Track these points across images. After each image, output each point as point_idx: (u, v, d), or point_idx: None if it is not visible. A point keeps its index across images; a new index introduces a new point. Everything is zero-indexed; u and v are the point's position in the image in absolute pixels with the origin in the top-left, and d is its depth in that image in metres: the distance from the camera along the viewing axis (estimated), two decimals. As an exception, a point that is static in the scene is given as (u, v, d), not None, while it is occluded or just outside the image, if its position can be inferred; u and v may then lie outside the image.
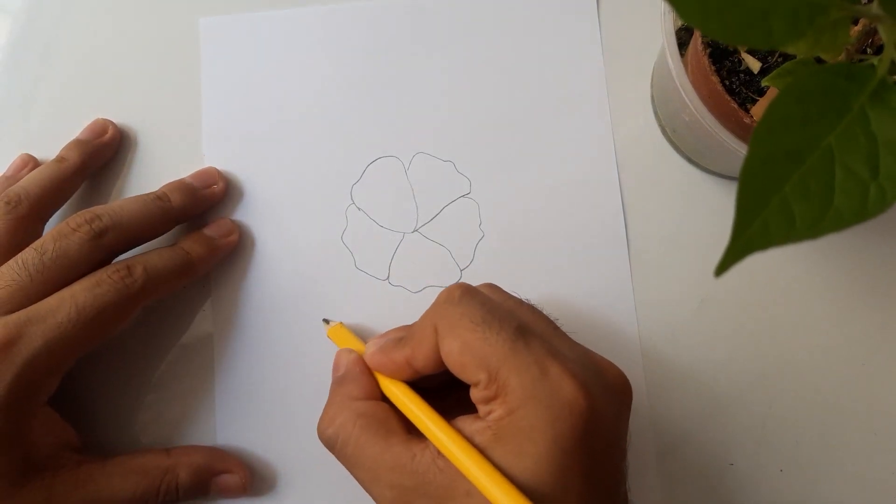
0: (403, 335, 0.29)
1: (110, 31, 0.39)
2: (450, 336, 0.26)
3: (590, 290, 0.36)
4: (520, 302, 0.30)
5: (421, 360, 0.27)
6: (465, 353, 0.25)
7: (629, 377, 0.28)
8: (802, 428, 0.35)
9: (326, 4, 0.39)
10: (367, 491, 0.27)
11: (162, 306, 0.36)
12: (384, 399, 0.29)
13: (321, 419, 0.29)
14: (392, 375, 0.29)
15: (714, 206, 0.37)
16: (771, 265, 0.36)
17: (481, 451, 0.25)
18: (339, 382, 0.30)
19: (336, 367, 0.31)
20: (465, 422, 0.26)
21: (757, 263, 0.36)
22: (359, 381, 0.29)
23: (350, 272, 0.37)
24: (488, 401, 0.25)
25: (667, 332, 0.36)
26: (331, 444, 0.28)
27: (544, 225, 0.37)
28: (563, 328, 0.29)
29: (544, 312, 0.29)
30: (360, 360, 0.30)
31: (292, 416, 0.35)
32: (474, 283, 0.36)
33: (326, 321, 0.35)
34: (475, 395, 0.26)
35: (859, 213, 0.18)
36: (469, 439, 0.25)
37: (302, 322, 0.36)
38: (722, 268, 0.17)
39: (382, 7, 0.39)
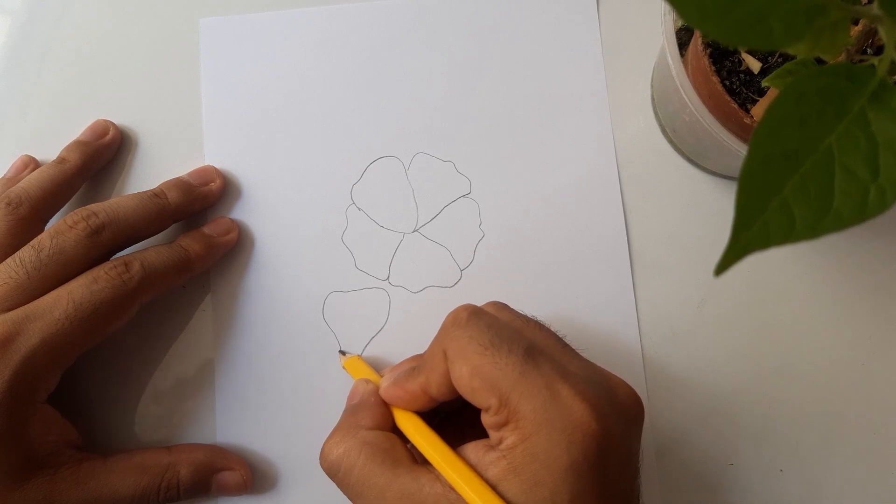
0: (416, 364, 0.29)
1: (110, 32, 0.39)
2: (459, 360, 0.26)
3: (591, 290, 0.36)
4: (527, 320, 0.29)
5: (435, 387, 0.27)
6: (475, 377, 0.25)
7: (629, 377, 0.28)
8: (802, 428, 0.35)
9: (326, 4, 0.39)
10: None
11: (162, 305, 0.36)
12: (395, 431, 0.29)
13: (325, 445, 0.28)
14: (409, 406, 0.28)
15: (714, 207, 0.37)
16: (771, 265, 0.36)
17: (496, 484, 0.24)
18: (350, 411, 0.30)
19: (351, 396, 0.31)
20: (477, 450, 0.25)
21: (757, 263, 0.36)
22: (371, 411, 0.29)
23: (350, 272, 0.37)
24: (500, 427, 0.25)
25: (667, 332, 0.36)
26: (333, 470, 0.27)
27: (544, 225, 0.37)
28: (560, 329, 0.29)
29: (552, 328, 0.29)
30: (377, 390, 0.30)
31: (292, 415, 0.35)
32: (474, 283, 0.36)
33: (343, 353, 0.35)
34: (486, 420, 0.25)
35: (859, 213, 0.18)
36: (482, 471, 0.25)
37: (302, 322, 0.36)
38: (721, 268, 0.17)
39: (382, 7, 0.39)
